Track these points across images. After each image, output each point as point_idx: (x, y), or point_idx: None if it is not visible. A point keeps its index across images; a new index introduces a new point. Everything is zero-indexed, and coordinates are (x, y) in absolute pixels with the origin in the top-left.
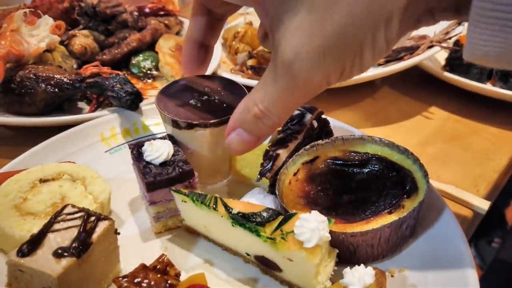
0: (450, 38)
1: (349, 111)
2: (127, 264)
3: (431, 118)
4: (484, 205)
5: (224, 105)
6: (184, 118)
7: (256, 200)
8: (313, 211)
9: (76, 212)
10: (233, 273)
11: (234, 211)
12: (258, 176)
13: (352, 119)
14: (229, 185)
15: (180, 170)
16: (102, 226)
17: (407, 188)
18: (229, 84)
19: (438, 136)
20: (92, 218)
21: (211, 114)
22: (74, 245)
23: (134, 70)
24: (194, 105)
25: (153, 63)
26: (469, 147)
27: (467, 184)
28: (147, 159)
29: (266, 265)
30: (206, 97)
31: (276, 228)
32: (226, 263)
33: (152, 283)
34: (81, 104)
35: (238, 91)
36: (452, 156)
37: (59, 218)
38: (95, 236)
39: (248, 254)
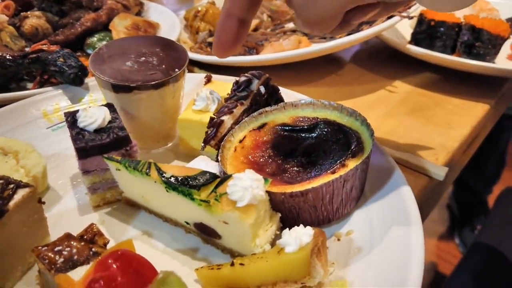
0: (409, 7)
1: (312, 87)
2: None
3: (394, 91)
4: (441, 171)
5: (163, 65)
6: (121, 80)
7: (198, 167)
8: (247, 170)
9: None
10: (172, 244)
11: (167, 175)
12: (202, 144)
13: (314, 95)
14: (178, 157)
15: (115, 136)
16: (21, 193)
17: (352, 148)
18: (168, 44)
19: (400, 108)
20: (11, 186)
21: (150, 76)
22: None
23: (89, 51)
24: (131, 67)
25: None
26: (431, 119)
27: (426, 153)
28: (81, 125)
29: (206, 232)
30: (143, 58)
31: (212, 191)
32: (165, 234)
33: (74, 251)
34: (30, 85)
35: (177, 51)
36: (414, 128)
37: None
38: (12, 203)
39: (187, 223)
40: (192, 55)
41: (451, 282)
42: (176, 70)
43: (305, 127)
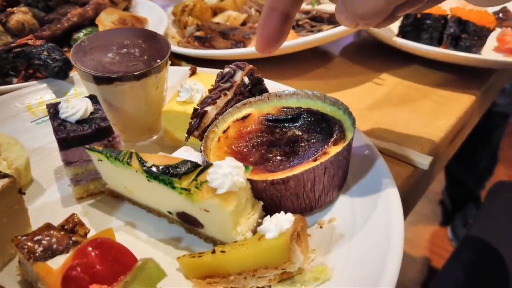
0: None
1: (299, 80)
2: None
3: (382, 84)
4: (425, 160)
5: (145, 57)
6: (102, 72)
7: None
8: (227, 157)
9: None
10: (155, 234)
11: (148, 164)
12: (186, 135)
13: (302, 87)
14: (163, 149)
15: (97, 126)
16: (0, 183)
17: (334, 136)
18: (150, 36)
19: (387, 100)
20: None
21: (131, 67)
22: None
23: None
24: (113, 59)
25: None
26: (418, 110)
27: (412, 143)
28: (63, 116)
29: (188, 222)
30: (125, 49)
31: (193, 180)
32: (149, 225)
33: (54, 240)
34: (16, 81)
35: (159, 42)
36: (400, 119)
37: None
38: None
39: (170, 213)
40: (180, 49)
41: (443, 274)
42: (158, 60)
43: (289, 117)
